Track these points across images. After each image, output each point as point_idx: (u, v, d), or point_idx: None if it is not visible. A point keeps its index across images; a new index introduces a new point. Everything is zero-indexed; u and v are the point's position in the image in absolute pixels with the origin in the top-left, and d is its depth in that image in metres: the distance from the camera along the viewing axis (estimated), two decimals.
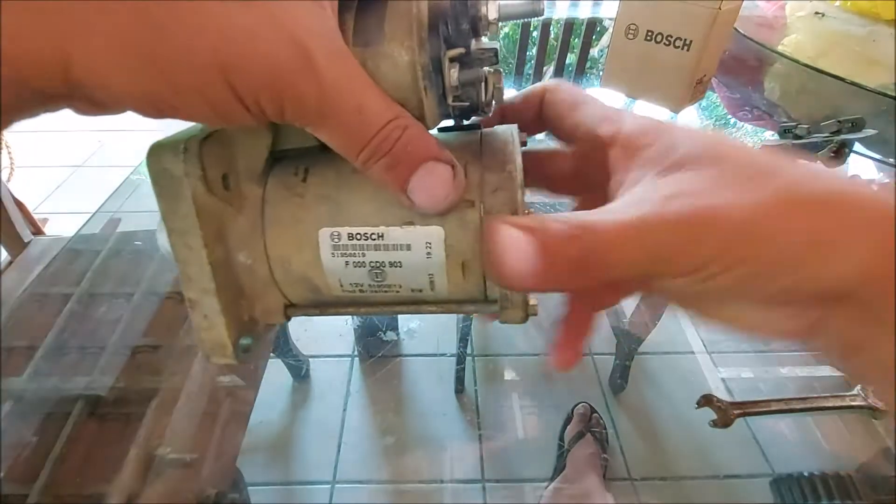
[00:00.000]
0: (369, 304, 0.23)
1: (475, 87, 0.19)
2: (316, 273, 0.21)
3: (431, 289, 0.21)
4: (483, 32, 0.19)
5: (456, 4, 0.18)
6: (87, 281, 0.53)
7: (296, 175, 0.21)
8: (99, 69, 0.14)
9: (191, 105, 0.16)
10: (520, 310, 0.21)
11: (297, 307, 0.23)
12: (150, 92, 0.15)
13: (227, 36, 0.15)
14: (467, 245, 0.20)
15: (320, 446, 0.39)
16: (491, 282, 0.21)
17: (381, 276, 0.21)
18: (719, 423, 0.38)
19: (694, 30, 0.67)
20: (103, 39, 0.14)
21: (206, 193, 0.19)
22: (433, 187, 0.19)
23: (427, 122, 0.19)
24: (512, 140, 0.21)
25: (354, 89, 0.17)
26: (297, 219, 0.21)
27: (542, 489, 0.37)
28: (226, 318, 0.20)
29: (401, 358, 0.45)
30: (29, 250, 0.86)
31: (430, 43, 0.18)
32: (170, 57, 0.14)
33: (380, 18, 0.18)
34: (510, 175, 0.20)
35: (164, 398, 0.42)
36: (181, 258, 0.20)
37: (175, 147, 0.19)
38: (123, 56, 0.14)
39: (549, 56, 1.08)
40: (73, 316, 0.50)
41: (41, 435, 0.39)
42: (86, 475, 0.37)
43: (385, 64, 0.18)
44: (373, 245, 0.20)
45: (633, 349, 0.47)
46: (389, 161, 0.18)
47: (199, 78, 0.15)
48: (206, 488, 0.36)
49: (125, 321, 0.49)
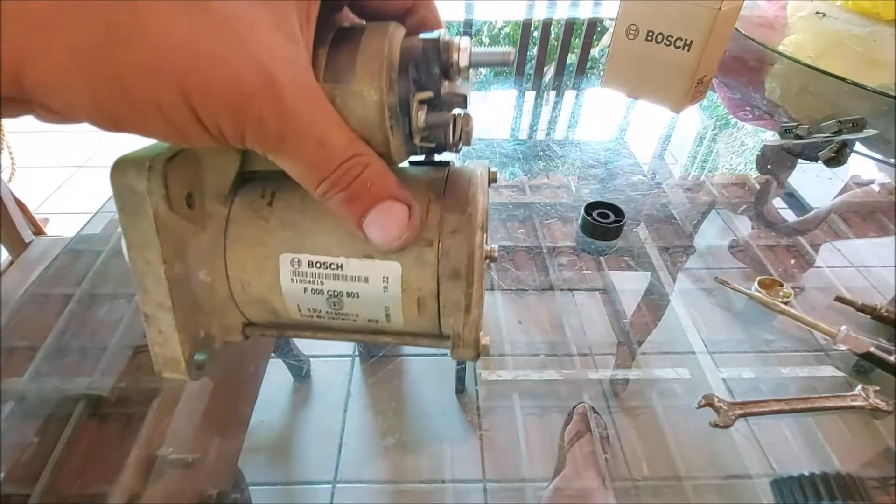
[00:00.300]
0: (326, 330, 0.23)
1: (443, 129, 0.19)
2: (275, 296, 0.21)
3: (387, 321, 0.22)
4: (454, 78, 0.19)
5: (428, 49, 0.18)
6: (88, 281, 0.53)
7: (262, 198, 0.21)
8: (54, 79, 0.14)
9: (149, 123, 0.15)
10: (471, 349, 0.21)
11: (255, 326, 0.23)
12: (106, 106, 0.15)
13: (191, 58, 0.14)
14: (423, 283, 0.20)
15: (321, 446, 0.39)
16: (445, 318, 0.21)
17: (338, 304, 0.21)
18: (720, 423, 0.38)
19: (694, 30, 0.67)
20: (62, 49, 0.14)
21: (168, 211, 0.19)
22: (387, 225, 0.19)
23: (393, 159, 0.20)
24: (477, 180, 0.21)
25: (318, 123, 0.17)
26: (260, 241, 0.21)
27: (542, 489, 0.37)
28: (180, 335, 0.20)
29: (402, 358, 0.46)
30: (30, 250, 0.87)
31: (399, 84, 0.18)
32: (130, 73, 0.14)
33: (352, 56, 0.18)
34: (469, 217, 0.20)
35: (165, 398, 0.42)
36: (139, 271, 0.20)
37: (140, 164, 0.18)
38: (81, 67, 0.14)
39: (550, 56, 1.08)
40: (74, 316, 0.50)
41: (43, 435, 0.39)
42: (87, 475, 0.37)
43: (353, 101, 0.18)
44: (332, 274, 0.20)
45: (634, 349, 0.47)
46: (347, 196, 0.18)
47: (160, 97, 0.15)
48: (208, 488, 0.36)
49: (126, 321, 0.49)
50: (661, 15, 0.69)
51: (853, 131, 0.68)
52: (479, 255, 0.20)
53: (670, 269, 0.55)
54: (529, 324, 0.49)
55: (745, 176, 0.73)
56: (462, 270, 0.20)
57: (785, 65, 0.88)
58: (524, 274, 0.54)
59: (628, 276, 0.55)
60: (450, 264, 0.20)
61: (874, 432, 0.40)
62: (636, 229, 0.60)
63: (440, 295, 0.20)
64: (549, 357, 0.46)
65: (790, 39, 0.89)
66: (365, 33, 0.18)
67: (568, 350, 0.47)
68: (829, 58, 0.82)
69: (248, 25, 0.15)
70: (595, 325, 0.49)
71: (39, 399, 0.42)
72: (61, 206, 1.78)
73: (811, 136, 0.70)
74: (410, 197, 0.19)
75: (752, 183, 0.71)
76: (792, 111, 0.82)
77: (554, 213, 0.63)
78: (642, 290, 0.53)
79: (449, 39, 0.18)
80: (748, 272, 0.55)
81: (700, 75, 0.71)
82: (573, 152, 0.76)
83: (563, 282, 0.54)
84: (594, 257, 0.57)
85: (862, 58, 0.83)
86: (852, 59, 0.83)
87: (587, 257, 0.57)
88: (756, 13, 0.99)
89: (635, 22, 0.72)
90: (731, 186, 0.70)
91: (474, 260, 0.20)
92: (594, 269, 0.55)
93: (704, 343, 0.47)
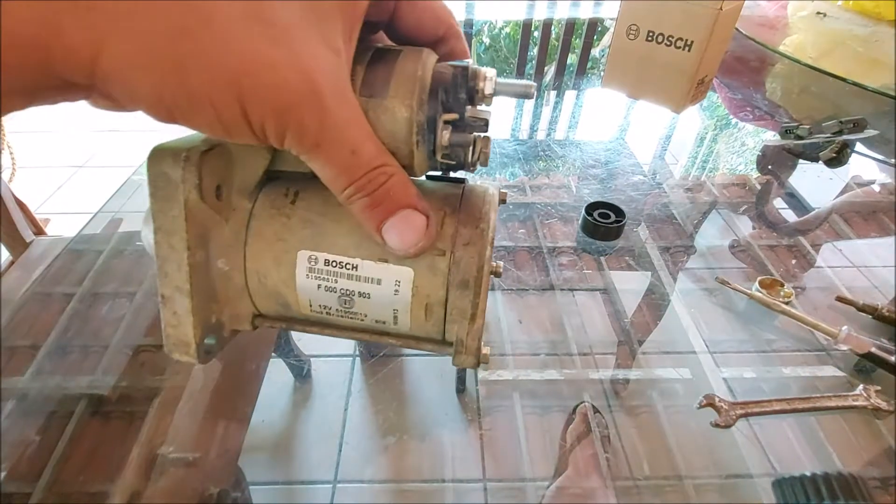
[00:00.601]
0: (334, 327, 0.24)
1: (463, 148, 0.21)
2: (288, 290, 0.22)
3: (394, 323, 0.23)
4: (478, 103, 0.21)
5: (457, 75, 0.20)
6: (89, 281, 0.53)
7: (286, 196, 0.22)
8: (125, 67, 0.15)
9: (201, 116, 0.17)
10: (472, 357, 0.22)
11: (265, 318, 0.24)
12: (166, 96, 0.16)
13: (247, 62, 0.16)
14: (433, 289, 0.21)
15: (322, 445, 0.39)
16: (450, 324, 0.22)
17: (349, 303, 0.22)
18: (721, 423, 0.38)
19: (695, 30, 0.67)
20: (136, 40, 0.15)
21: (198, 201, 0.20)
22: (405, 232, 0.20)
23: (415, 171, 0.21)
24: (490, 199, 0.23)
25: (352, 131, 0.18)
26: (280, 237, 0.22)
27: (543, 489, 0.37)
28: (194, 318, 0.21)
29: (402, 358, 0.46)
30: (31, 250, 0.87)
31: (428, 104, 0.20)
32: (193, 69, 0.15)
33: (387, 75, 0.19)
34: (482, 232, 0.22)
35: (166, 397, 0.42)
36: (162, 255, 0.21)
37: (176, 153, 0.20)
38: (151, 59, 0.15)
39: (550, 56, 1.08)
40: (75, 315, 0.50)
41: (44, 434, 0.39)
42: (89, 474, 0.37)
43: (385, 116, 0.19)
44: (346, 274, 0.22)
45: (635, 349, 0.47)
46: (370, 201, 0.19)
47: (215, 94, 0.16)
48: (209, 487, 0.36)
49: (127, 321, 0.49)
50: (662, 15, 0.69)
51: (854, 131, 0.68)
52: (488, 268, 0.21)
53: (671, 269, 0.56)
54: (530, 323, 0.49)
55: (746, 176, 0.73)
56: (471, 281, 0.21)
57: (786, 65, 0.88)
58: (525, 274, 0.54)
59: (629, 276, 0.55)
60: (460, 274, 0.21)
61: (876, 432, 0.40)
62: (637, 229, 0.60)
63: (448, 302, 0.21)
64: (550, 357, 0.46)
65: (791, 40, 0.90)
66: (401, 55, 0.20)
67: (569, 350, 0.47)
68: (830, 58, 0.82)
69: (298, 38, 0.17)
70: (596, 324, 0.49)
71: (41, 397, 0.42)
72: (62, 206, 1.78)
73: (812, 137, 0.70)
74: (429, 208, 0.21)
75: (753, 183, 0.71)
76: (793, 111, 0.82)
77: (554, 213, 0.63)
78: (643, 290, 0.53)
79: (476, 68, 0.20)
80: (749, 272, 0.55)
81: (701, 75, 0.71)
82: (574, 152, 0.76)
83: (563, 282, 0.54)
84: (595, 257, 0.57)
85: (863, 58, 0.83)
86: (853, 59, 0.83)
87: (588, 257, 0.57)
88: (757, 13, 1.00)
89: (636, 22, 0.72)
90: (732, 186, 0.70)
91: (483, 272, 0.21)
92: (595, 269, 0.55)
93: (705, 343, 0.47)
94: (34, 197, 1.75)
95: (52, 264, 0.56)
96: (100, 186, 1.90)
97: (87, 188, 1.87)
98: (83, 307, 0.51)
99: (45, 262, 0.68)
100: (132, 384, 0.43)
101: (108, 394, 0.42)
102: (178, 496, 0.36)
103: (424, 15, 0.21)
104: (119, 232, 0.61)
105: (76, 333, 0.48)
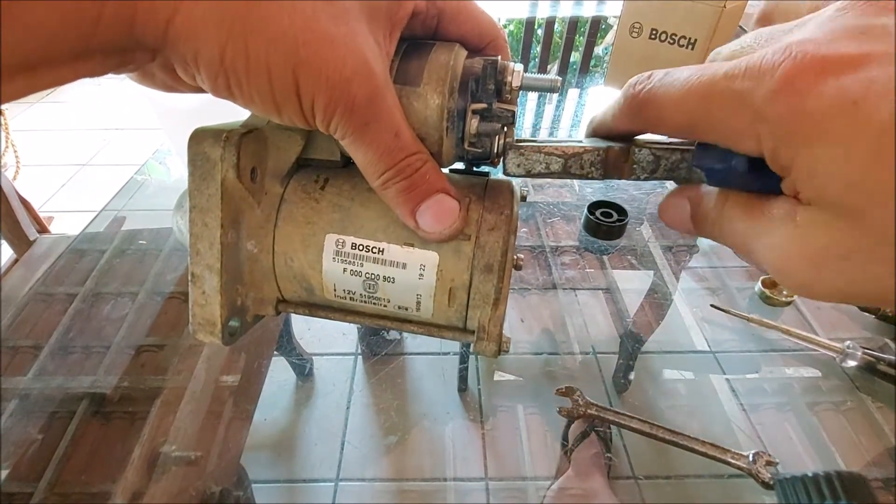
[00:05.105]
0: (356, 314, 0.24)
1: (490, 138, 0.21)
2: (314, 273, 0.23)
3: (417, 309, 0.23)
4: (505, 96, 0.21)
5: (487, 68, 0.20)
6: (92, 280, 0.54)
7: (316, 182, 0.23)
8: (195, 30, 0.16)
9: (255, 82, 0.17)
10: (494, 343, 0.23)
11: (287, 303, 0.24)
12: (227, 61, 0.16)
13: (308, 34, 0.16)
14: (457, 274, 0.22)
15: (324, 444, 0.39)
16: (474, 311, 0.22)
17: (373, 287, 0.22)
18: (564, 412, 0.39)
19: (698, 28, 0.66)
20: (208, 4, 0.16)
21: (235, 180, 0.21)
22: (441, 214, 0.21)
23: (443, 159, 0.22)
24: (513, 190, 0.24)
25: (397, 115, 0.19)
26: (309, 220, 0.22)
27: (545, 488, 0.37)
28: (222, 298, 0.22)
29: (404, 357, 0.46)
30: (34, 249, 0.87)
31: (459, 94, 0.20)
32: (256, 35, 0.16)
33: (421, 64, 0.20)
34: (507, 218, 0.22)
35: (168, 396, 0.42)
36: (195, 233, 0.21)
37: (217, 134, 0.21)
38: (222, 18, 0.16)
39: (554, 54, 1.07)
40: (78, 315, 0.50)
41: (46, 433, 0.40)
42: (91, 473, 0.37)
43: (418, 102, 0.20)
44: (372, 258, 0.22)
45: (637, 348, 0.47)
46: (407, 185, 0.20)
47: (273, 63, 0.16)
48: (211, 485, 0.36)
49: (130, 320, 0.49)
50: (665, 13, 0.69)
51: None
52: (511, 255, 0.22)
53: (673, 269, 0.55)
54: (532, 322, 0.49)
55: None
56: (495, 265, 0.21)
57: None
58: (527, 273, 0.54)
59: (631, 275, 0.55)
60: (484, 258, 0.21)
61: (878, 432, 0.40)
62: (639, 228, 0.60)
63: (471, 287, 0.22)
64: (552, 356, 0.46)
65: None
66: (434, 48, 0.21)
67: (571, 349, 0.47)
68: None
69: (355, 20, 0.18)
70: (598, 324, 0.49)
71: (43, 397, 0.42)
72: (65, 204, 1.79)
73: None
74: (460, 194, 0.21)
75: None
76: None
77: (557, 212, 0.63)
78: (645, 289, 0.53)
79: (505, 63, 0.21)
80: (752, 271, 0.55)
81: None
82: None
83: (566, 281, 0.54)
84: (597, 256, 0.57)
85: None
86: None
87: (590, 256, 0.57)
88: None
89: (639, 20, 0.72)
90: None
91: (507, 257, 0.22)
92: (597, 269, 0.55)
93: (708, 342, 0.47)
94: (38, 195, 1.76)
95: (54, 264, 0.56)
96: (103, 185, 1.91)
97: (90, 186, 1.87)
98: (86, 306, 0.51)
99: (48, 260, 0.68)
100: (134, 383, 0.43)
101: (110, 393, 0.43)
102: (180, 495, 0.36)
103: (465, 27, 0.22)
104: (122, 230, 0.61)
105: (78, 333, 0.48)
